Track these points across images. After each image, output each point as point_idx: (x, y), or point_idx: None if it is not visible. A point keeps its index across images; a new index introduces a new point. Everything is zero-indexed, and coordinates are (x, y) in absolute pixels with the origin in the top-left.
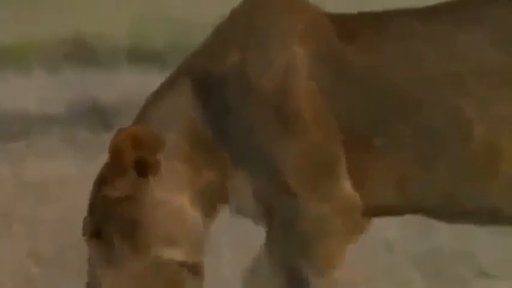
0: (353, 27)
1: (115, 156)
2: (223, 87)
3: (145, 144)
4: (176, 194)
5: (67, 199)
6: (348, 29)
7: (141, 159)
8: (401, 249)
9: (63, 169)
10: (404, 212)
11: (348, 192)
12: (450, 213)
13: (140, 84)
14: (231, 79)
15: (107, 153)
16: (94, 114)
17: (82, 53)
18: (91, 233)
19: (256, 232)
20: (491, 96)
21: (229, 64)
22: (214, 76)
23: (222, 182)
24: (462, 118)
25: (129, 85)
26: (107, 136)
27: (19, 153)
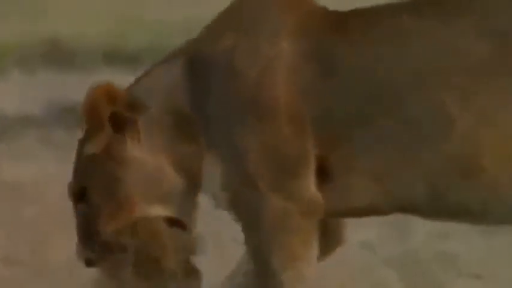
0: (345, 22)
1: (91, 111)
2: (211, 70)
3: (120, 100)
4: (156, 156)
5: (44, 200)
6: (340, 25)
7: (117, 114)
8: (378, 250)
9: (39, 170)
10: (386, 211)
11: (313, 193)
12: (433, 210)
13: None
14: (220, 63)
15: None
16: (71, 115)
17: (58, 54)
18: (75, 195)
19: None
20: (475, 89)
21: (221, 49)
22: (205, 59)
23: (200, 165)
24: (445, 112)
25: None
26: None
27: None
